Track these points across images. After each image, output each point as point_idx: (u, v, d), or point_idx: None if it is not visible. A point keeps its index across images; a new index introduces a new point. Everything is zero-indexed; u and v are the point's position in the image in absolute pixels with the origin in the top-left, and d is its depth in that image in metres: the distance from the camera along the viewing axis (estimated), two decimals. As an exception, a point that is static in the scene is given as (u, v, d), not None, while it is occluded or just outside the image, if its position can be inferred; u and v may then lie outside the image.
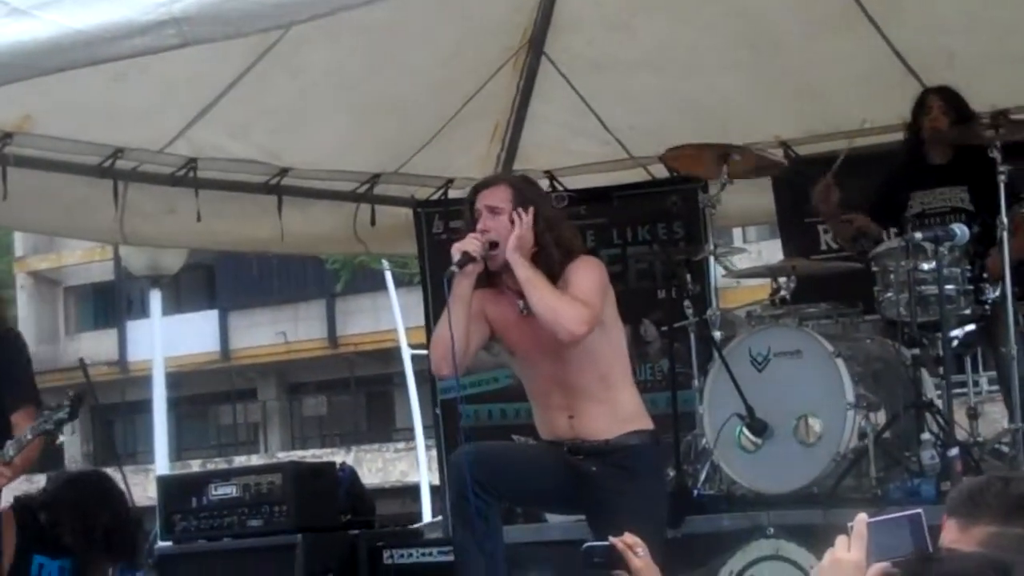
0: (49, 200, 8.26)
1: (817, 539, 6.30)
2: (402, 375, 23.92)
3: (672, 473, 7.29)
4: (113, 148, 8.20)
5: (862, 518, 3.23)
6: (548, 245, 6.25)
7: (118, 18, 5.27)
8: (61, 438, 6.97)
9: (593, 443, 6.30)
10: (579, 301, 6.15)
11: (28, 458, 6.63)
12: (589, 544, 4.98)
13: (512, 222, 6.21)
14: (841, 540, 3.23)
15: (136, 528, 7.73)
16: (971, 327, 7.36)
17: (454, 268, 6.13)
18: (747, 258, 9.38)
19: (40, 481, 7.87)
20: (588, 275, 6.27)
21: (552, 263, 6.23)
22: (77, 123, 7.85)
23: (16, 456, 6.49)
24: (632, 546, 4.64)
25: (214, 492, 8.20)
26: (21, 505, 7.51)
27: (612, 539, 4.71)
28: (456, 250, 6.14)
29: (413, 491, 22.54)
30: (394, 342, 23.90)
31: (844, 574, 3.19)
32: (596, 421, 6.31)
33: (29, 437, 6.50)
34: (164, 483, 8.83)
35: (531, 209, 6.24)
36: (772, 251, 10.20)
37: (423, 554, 7.70)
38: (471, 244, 6.14)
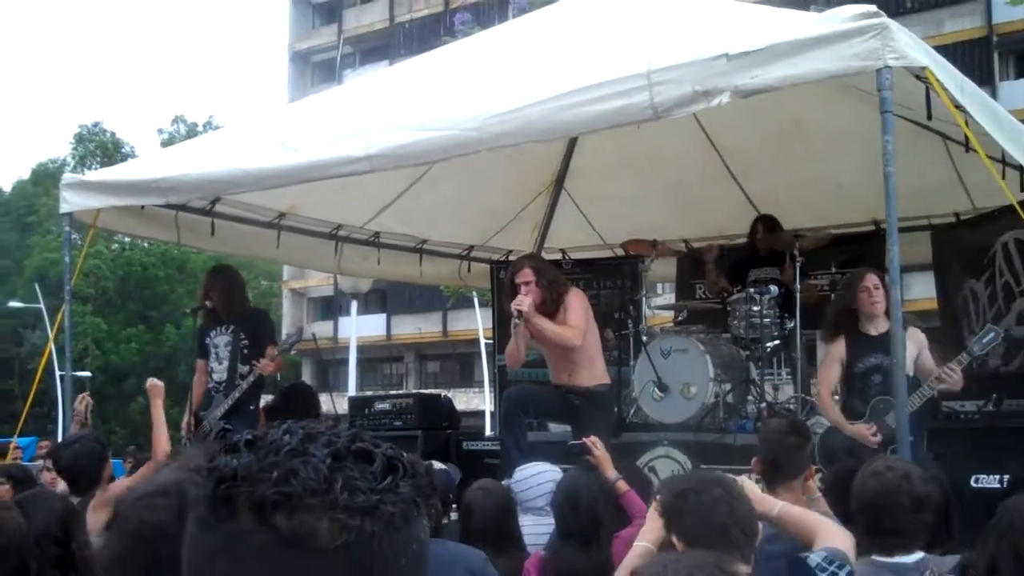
0: (302, 249, 8.31)
1: (690, 449, 6.31)
2: (479, 353, 23.99)
3: (616, 409, 7.30)
4: (336, 224, 8.29)
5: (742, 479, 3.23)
6: (551, 290, 6.25)
7: (337, 154, 5.34)
8: (292, 352, 7.05)
9: (580, 388, 6.33)
10: (572, 326, 6.14)
11: (278, 365, 6.80)
12: (571, 443, 5.02)
13: (537, 286, 6.13)
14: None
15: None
16: (777, 342, 7.34)
17: (517, 320, 6.02)
18: (661, 299, 9.37)
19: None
20: (577, 305, 6.23)
21: (555, 298, 6.24)
22: (319, 209, 7.93)
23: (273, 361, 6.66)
24: (594, 443, 4.68)
25: (377, 406, 8.27)
26: (264, 408, 7.63)
27: (584, 439, 4.75)
28: (514, 308, 5.98)
29: (481, 415, 22.52)
30: (475, 335, 23.92)
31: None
32: (582, 377, 6.33)
33: (277, 353, 6.65)
34: (352, 401, 8.88)
35: (534, 290, 6.08)
36: (672, 298, 10.18)
37: (484, 445, 7.75)
38: (522, 305, 5.96)
